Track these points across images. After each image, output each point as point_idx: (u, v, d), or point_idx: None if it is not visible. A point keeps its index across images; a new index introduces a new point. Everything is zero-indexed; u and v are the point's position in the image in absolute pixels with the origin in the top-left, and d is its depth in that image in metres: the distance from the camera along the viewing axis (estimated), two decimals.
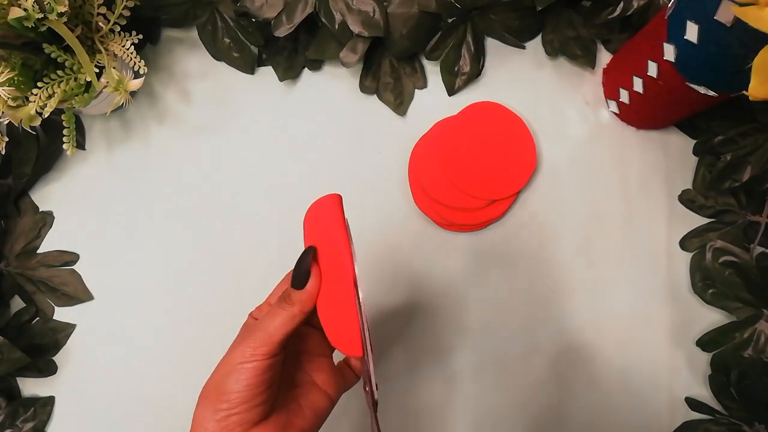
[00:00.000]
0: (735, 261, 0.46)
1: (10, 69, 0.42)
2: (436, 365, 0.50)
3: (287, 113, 0.53)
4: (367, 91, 0.52)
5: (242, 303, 0.52)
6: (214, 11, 0.51)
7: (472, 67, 0.51)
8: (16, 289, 0.52)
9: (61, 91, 0.43)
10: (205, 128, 0.54)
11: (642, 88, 0.44)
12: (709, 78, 0.37)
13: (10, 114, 0.42)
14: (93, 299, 0.52)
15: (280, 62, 0.52)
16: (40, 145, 0.52)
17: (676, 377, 0.49)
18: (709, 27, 0.33)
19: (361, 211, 0.51)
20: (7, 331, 0.50)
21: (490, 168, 0.49)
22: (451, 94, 0.52)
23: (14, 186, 0.52)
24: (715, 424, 0.47)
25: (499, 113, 0.50)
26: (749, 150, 0.46)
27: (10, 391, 0.51)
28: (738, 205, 0.48)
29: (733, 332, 0.47)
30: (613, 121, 0.51)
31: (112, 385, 0.51)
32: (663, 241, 0.50)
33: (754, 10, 0.27)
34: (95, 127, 0.54)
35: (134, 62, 0.45)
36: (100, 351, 0.52)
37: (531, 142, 0.49)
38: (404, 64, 0.52)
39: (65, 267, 0.53)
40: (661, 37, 0.38)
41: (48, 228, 0.53)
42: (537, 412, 0.49)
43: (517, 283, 0.50)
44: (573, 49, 0.50)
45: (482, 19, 0.50)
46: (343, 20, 0.47)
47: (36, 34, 0.41)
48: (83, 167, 0.54)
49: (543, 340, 0.50)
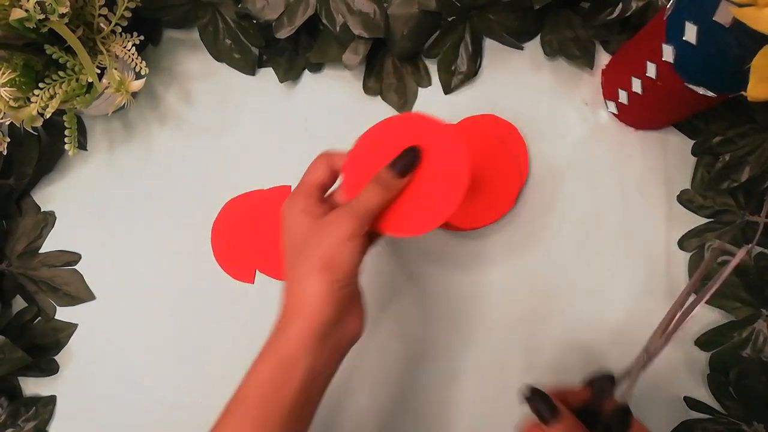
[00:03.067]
0: None
1: (12, 70, 0.42)
2: (435, 364, 0.50)
3: (288, 114, 0.53)
4: (370, 92, 0.52)
5: (242, 303, 0.52)
6: (215, 12, 0.51)
7: (469, 66, 0.51)
8: (18, 289, 0.52)
9: (63, 91, 0.43)
10: (206, 129, 0.54)
11: (641, 89, 0.44)
12: (708, 79, 0.37)
13: (12, 114, 0.43)
14: (94, 299, 0.53)
15: (280, 63, 0.52)
16: (41, 146, 0.52)
17: (675, 376, 0.49)
18: (708, 28, 0.33)
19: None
20: (8, 330, 0.50)
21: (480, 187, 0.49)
22: (447, 92, 0.52)
23: (16, 186, 0.52)
24: (714, 423, 0.47)
25: (495, 125, 0.50)
26: (748, 150, 0.46)
27: (12, 390, 0.51)
28: (736, 206, 0.49)
29: (732, 332, 0.47)
30: (612, 121, 0.51)
31: (114, 384, 0.52)
32: (662, 240, 0.50)
33: (753, 11, 0.27)
34: (97, 127, 0.54)
35: (135, 63, 0.46)
36: (101, 350, 0.52)
37: (525, 157, 0.50)
38: (406, 64, 0.52)
39: (67, 267, 0.53)
40: (660, 37, 0.38)
41: (50, 228, 0.53)
42: None
43: (516, 284, 0.50)
44: (572, 49, 0.50)
45: (481, 19, 0.50)
46: (344, 22, 0.48)
47: (37, 35, 0.41)
48: (85, 167, 0.54)
49: (542, 339, 0.50)
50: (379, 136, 0.37)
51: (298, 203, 0.35)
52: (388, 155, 0.35)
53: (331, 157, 0.37)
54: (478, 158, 0.49)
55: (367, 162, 0.36)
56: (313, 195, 0.36)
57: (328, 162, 0.37)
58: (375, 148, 0.36)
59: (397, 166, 0.34)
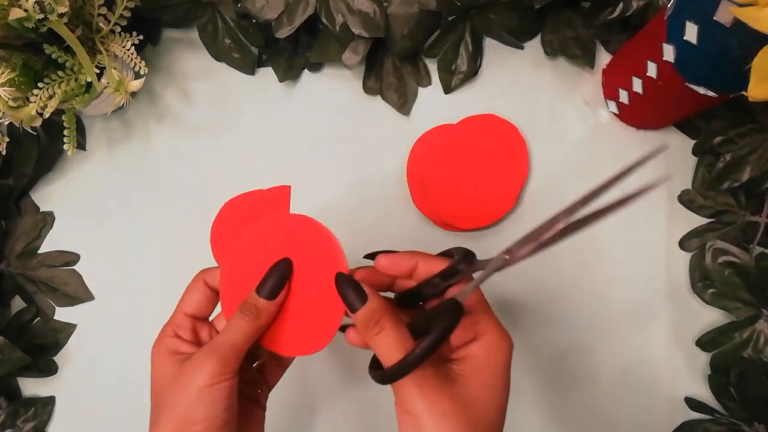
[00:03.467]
0: (734, 261, 0.46)
1: (11, 69, 0.42)
2: None
3: (287, 114, 0.53)
4: (370, 92, 0.52)
5: None
6: (214, 12, 0.51)
7: (469, 66, 0.51)
8: (16, 289, 0.52)
9: (62, 91, 0.43)
10: (206, 129, 0.54)
11: (641, 89, 0.44)
12: (709, 78, 0.37)
13: (11, 114, 0.42)
14: (93, 299, 0.52)
15: (280, 63, 0.52)
16: (40, 146, 0.52)
17: (676, 377, 0.49)
18: (709, 27, 0.33)
19: (361, 210, 0.52)
20: (7, 331, 0.50)
21: (480, 187, 0.49)
22: (447, 92, 0.52)
23: (15, 186, 0.52)
24: (715, 423, 0.47)
25: (495, 125, 0.50)
26: (748, 150, 0.46)
27: (11, 391, 0.51)
28: (737, 206, 0.48)
29: (733, 332, 0.47)
30: (613, 121, 0.51)
31: (113, 385, 0.52)
32: (662, 241, 0.50)
33: (754, 11, 0.27)
34: (96, 127, 0.54)
35: (135, 63, 0.46)
36: (100, 351, 0.52)
37: (525, 157, 0.50)
38: (406, 64, 0.52)
39: (66, 267, 0.53)
40: (661, 37, 0.38)
41: (49, 228, 0.53)
42: (536, 411, 0.49)
43: (516, 284, 0.50)
44: (572, 49, 0.50)
45: (481, 18, 0.50)
46: (343, 21, 0.47)
47: (37, 34, 0.41)
48: (84, 167, 0.54)
49: (542, 339, 0.50)
50: (255, 242, 0.33)
51: (164, 343, 0.32)
52: (265, 266, 0.31)
53: (209, 274, 0.33)
54: (478, 158, 0.49)
55: (243, 276, 0.32)
56: (184, 328, 0.32)
57: (206, 281, 0.33)
58: (251, 259, 0.32)
59: (265, 288, 0.30)
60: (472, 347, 0.30)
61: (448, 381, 0.29)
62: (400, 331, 0.28)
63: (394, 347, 0.28)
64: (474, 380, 0.29)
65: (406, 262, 0.31)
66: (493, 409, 0.29)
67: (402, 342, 0.28)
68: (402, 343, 0.28)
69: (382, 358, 0.28)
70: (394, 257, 0.32)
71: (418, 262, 0.31)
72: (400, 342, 0.28)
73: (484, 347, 0.30)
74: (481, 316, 0.31)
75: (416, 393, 0.27)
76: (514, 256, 0.29)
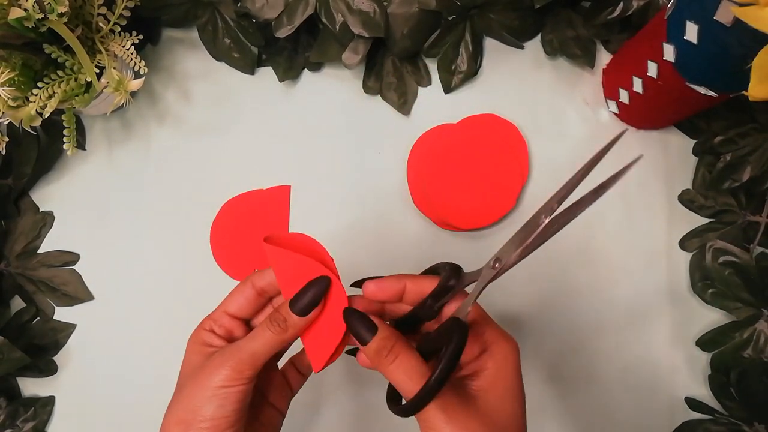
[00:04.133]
0: (735, 261, 0.46)
1: (11, 69, 0.42)
2: None
3: (287, 113, 0.53)
4: (370, 91, 0.52)
5: None
6: (214, 12, 0.51)
7: (469, 65, 0.51)
8: (16, 289, 0.52)
9: (62, 91, 0.43)
10: (205, 128, 0.54)
11: (642, 89, 0.44)
12: (709, 78, 0.37)
13: (11, 114, 0.42)
14: (93, 299, 0.52)
15: (280, 63, 0.52)
16: (40, 145, 0.52)
17: (676, 377, 0.49)
18: (709, 27, 0.33)
19: (361, 210, 0.52)
20: (7, 331, 0.50)
21: (480, 187, 0.49)
22: (447, 92, 0.52)
23: (14, 186, 0.52)
24: (715, 423, 0.47)
25: (495, 125, 0.50)
26: (749, 150, 0.46)
27: (11, 391, 0.51)
28: (738, 205, 0.48)
29: (733, 332, 0.47)
30: (613, 121, 0.51)
31: (113, 385, 0.51)
32: (663, 241, 0.50)
33: (754, 10, 0.27)
34: (95, 127, 0.54)
35: (134, 62, 0.45)
36: (100, 351, 0.52)
37: (525, 156, 0.50)
38: (406, 63, 0.52)
39: (65, 267, 0.53)
40: (661, 37, 0.38)
41: (48, 228, 0.53)
42: (537, 411, 0.49)
43: (516, 284, 0.50)
44: (572, 49, 0.50)
45: (481, 18, 0.50)
46: (343, 21, 0.47)
47: (36, 34, 0.41)
48: (83, 167, 0.54)
49: (542, 340, 0.50)
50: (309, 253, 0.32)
51: (199, 335, 0.32)
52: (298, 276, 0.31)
53: (259, 277, 0.33)
54: (478, 158, 0.49)
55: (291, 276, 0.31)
56: (220, 326, 0.33)
57: (255, 283, 0.33)
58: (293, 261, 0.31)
59: (298, 304, 0.30)
60: (482, 361, 0.30)
61: (469, 399, 0.29)
62: (415, 358, 0.29)
63: (411, 375, 0.28)
64: (492, 393, 0.29)
65: (394, 285, 0.31)
66: (515, 414, 0.30)
67: (418, 368, 0.28)
68: (418, 370, 0.28)
69: (400, 386, 0.28)
70: (381, 282, 0.32)
71: (405, 284, 0.31)
72: (416, 369, 0.28)
73: (495, 358, 0.30)
74: (484, 328, 0.31)
75: (442, 418, 0.27)
76: (504, 264, 0.29)
